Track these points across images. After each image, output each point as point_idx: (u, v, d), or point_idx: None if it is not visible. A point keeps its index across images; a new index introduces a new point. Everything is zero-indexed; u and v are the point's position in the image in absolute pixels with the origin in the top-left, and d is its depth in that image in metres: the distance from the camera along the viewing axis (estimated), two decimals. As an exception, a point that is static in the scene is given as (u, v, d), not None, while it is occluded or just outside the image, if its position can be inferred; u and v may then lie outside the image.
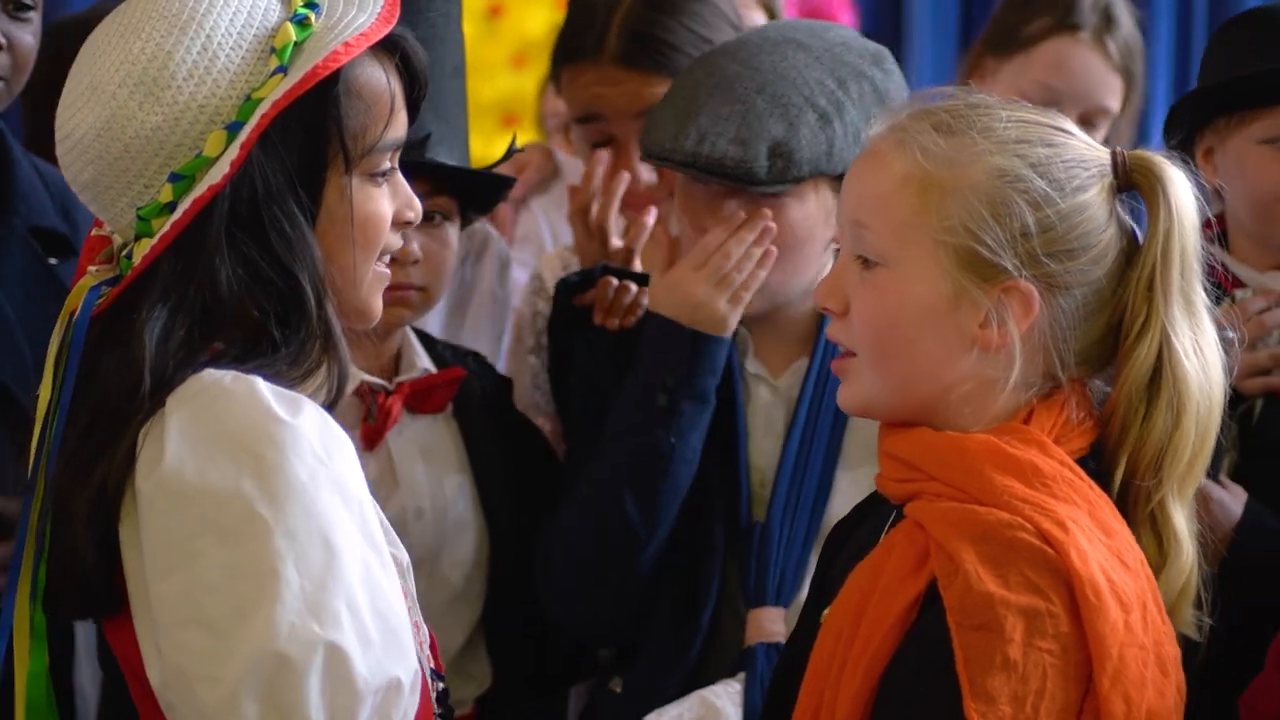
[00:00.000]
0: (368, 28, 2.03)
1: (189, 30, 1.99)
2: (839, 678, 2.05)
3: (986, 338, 2.09)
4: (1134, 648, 2.00)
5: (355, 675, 1.89)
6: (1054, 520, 2.01)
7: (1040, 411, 2.11)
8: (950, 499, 2.06)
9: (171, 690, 1.92)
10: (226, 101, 1.99)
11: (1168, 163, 2.15)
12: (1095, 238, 2.11)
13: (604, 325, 3.03)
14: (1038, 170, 2.10)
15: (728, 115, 2.81)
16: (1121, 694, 1.98)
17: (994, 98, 2.18)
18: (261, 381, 1.95)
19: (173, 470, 1.91)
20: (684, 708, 2.79)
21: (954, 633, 1.97)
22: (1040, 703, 1.96)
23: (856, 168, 2.19)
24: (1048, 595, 1.98)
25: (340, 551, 1.91)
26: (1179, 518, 2.13)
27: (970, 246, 2.08)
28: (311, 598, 1.88)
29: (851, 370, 2.17)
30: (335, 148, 2.03)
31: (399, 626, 1.95)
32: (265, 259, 1.99)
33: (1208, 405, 2.13)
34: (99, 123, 2.00)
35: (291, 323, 2.00)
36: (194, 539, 1.90)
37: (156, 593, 1.91)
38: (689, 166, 2.81)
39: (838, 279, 2.17)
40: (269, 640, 1.87)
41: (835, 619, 2.09)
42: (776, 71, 2.84)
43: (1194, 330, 2.14)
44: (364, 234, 2.06)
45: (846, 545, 2.24)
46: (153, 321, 1.96)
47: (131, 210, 2.02)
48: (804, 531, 2.88)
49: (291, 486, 1.90)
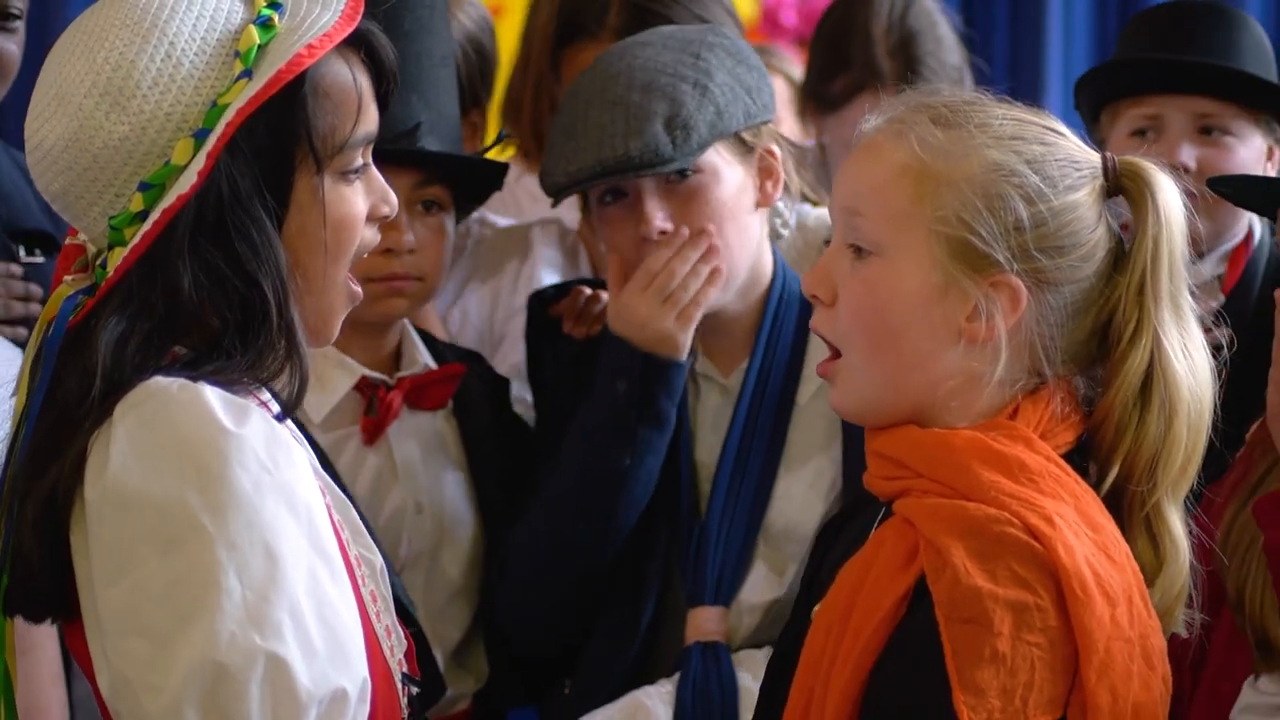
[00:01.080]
0: (331, 27, 2.01)
1: (151, 38, 1.99)
2: (829, 673, 2.06)
3: (974, 330, 2.11)
4: (1120, 641, 2.02)
5: (297, 686, 1.89)
6: (1041, 515, 2.03)
7: (1026, 407, 2.13)
8: (938, 495, 2.08)
9: (118, 698, 1.93)
10: (192, 108, 1.98)
11: (1157, 169, 2.18)
12: (1085, 236, 2.13)
13: (571, 334, 3.04)
14: (1032, 166, 2.12)
15: (610, 118, 2.82)
16: (1108, 687, 2.00)
17: (988, 95, 2.21)
18: (209, 390, 1.95)
19: (117, 479, 1.91)
20: (615, 709, 2.81)
21: (943, 627, 1.99)
22: (1029, 695, 1.98)
23: (853, 158, 2.21)
24: (1035, 589, 2.00)
25: (283, 561, 1.91)
26: (1174, 520, 2.15)
27: (964, 237, 2.10)
28: (253, 608, 1.89)
29: (840, 371, 2.18)
30: (304, 149, 2.02)
31: (346, 636, 1.95)
32: (229, 265, 1.98)
33: (1199, 408, 2.15)
34: (67, 133, 1.99)
35: (252, 329, 1.99)
36: (137, 548, 1.90)
37: (102, 600, 1.92)
38: (599, 177, 2.81)
39: (826, 268, 2.18)
40: (209, 650, 1.87)
41: (825, 615, 2.11)
42: (634, 68, 2.86)
43: (1182, 334, 2.16)
44: (335, 236, 2.06)
45: (836, 542, 2.26)
46: (110, 327, 1.96)
47: (104, 219, 2.01)
48: (744, 530, 2.88)
49: (234, 496, 1.90)
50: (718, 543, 2.87)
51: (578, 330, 3.04)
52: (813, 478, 2.92)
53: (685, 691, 2.80)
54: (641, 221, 2.84)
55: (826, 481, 2.92)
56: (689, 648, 2.84)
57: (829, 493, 2.91)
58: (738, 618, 2.88)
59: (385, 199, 2.11)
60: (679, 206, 2.85)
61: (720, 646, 2.84)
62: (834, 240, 2.20)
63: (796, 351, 2.96)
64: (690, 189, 2.85)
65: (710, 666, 2.82)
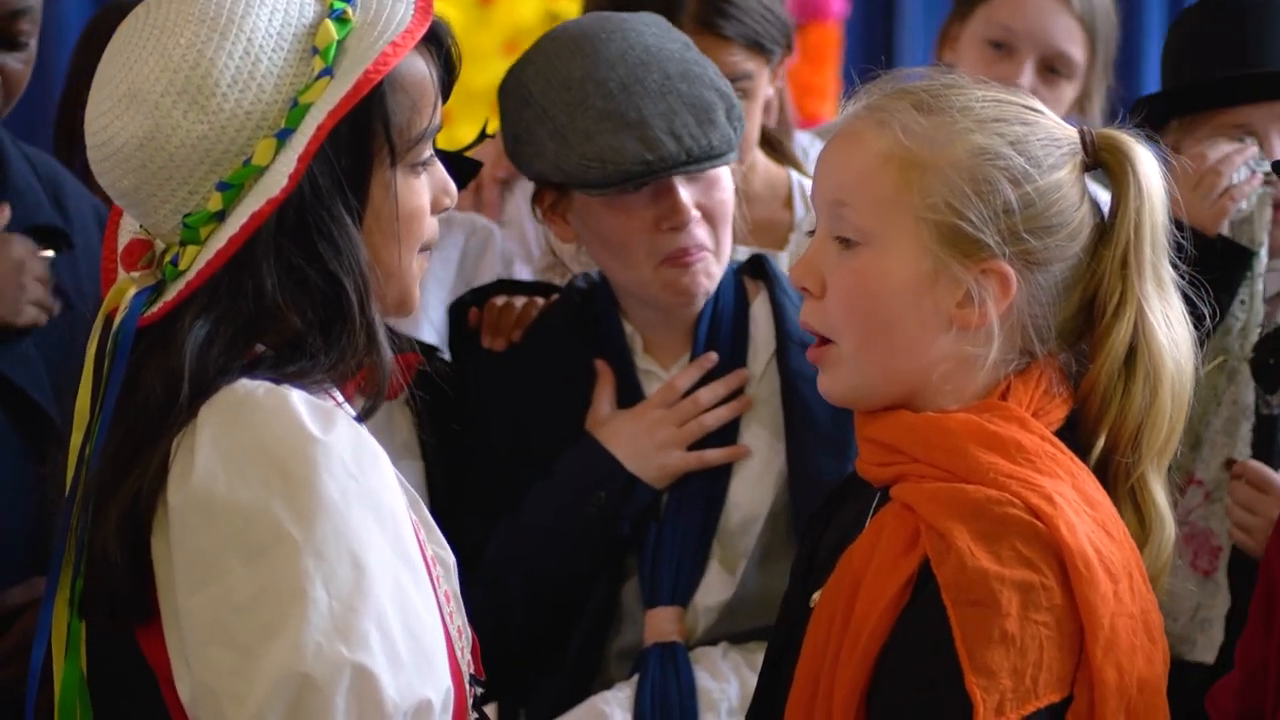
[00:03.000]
0: (410, 22, 2.00)
1: (229, 34, 1.95)
2: (834, 663, 2.07)
3: (965, 317, 2.12)
4: (1124, 617, 2.04)
5: (384, 697, 1.87)
6: (1041, 495, 2.04)
7: (1017, 387, 2.14)
8: (936, 479, 2.08)
9: (200, 707, 1.91)
10: (273, 107, 1.96)
11: (1135, 141, 2.18)
12: (1071, 214, 2.14)
13: (490, 348, 3.02)
14: (1016, 148, 2.13)
15: (669, 108, 2.78)
16: (1114, 663, 2.02)
17: (966, 78, 2.21)
18: (295, 394, 1.93)
19: (202, 485, 1.89)
20: (574, 716, 2.80)
21: (950, 610, 1.99)
22: (1039, 674, 2.00)
23: (835, 147, 2.20)
24: (1040, 568, 2.01)
25: (370, 571, 1.89)
26: (1158, 491, 2.17)
27: (953, 223, 2.10)
28: (340, 618, 1.87)
29: (830, 358, 2.17)
30: (382, 144, 2.01)
31: (431, 645, 1.93)
32: (311, 265, 1.96)
33: (1181, 379, 2.17)
34: (142, 132, 1.96)
35: (335, 327, 1.98)
36: (222, 556, 1.88)
37: (185, 608, 1.90)
38: (684, 165, 2.77)
39: (813, 261, 2.18)
40: (295, 661, 1.85)
41: (827, 604, 2.11)
42: (652, 55, 2.83)
43: (1164, 305, 2.17)
44: (408, 228, 2.05)
45: (829, 528, 2.25)
46: (195, 331, 1.94)
47: (176, 216, 1.99)
48: (698, 528, 2.87)
49: (321, 505, 1.88)
50: (674, 542, 2.86)
51: (496, 344, 3.01)
52: (761, 470, 2.91)
53: (644, 695, 2.79)
54: (675, 211, 2.80)
55: (774, 472, 2.90)
56: (646, 650, 2.83)
57: (776, 483, 2.90)
58: (694, 619, 2.87)
59: (446, 190, 2.11)
60: (701, 193, 2.83)
61: (678, 647, 2.83)
62: (819, 232, 2.19)
63: (738, 341, 2.95)
64: (710, 179, 2.84)
65: (668, 668, 2.81)
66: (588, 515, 2.84)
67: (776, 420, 2.92)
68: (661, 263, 2.83)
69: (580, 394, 2.93)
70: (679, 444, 2.86)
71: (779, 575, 2.81)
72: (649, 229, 2.82)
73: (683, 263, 2.83)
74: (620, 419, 2.88)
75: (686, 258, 2.83)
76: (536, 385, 2.96)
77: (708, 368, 2.90)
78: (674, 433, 2.86)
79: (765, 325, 2.96)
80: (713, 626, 2.87)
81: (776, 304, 2.95)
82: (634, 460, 2.86)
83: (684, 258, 2.83)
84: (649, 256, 2.83)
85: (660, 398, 2.88)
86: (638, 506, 2.86)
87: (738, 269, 3.00)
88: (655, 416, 2.87)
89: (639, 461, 2.86)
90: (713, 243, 2.84)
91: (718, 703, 2.81)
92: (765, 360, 2.94)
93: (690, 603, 2.86)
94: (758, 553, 2.87)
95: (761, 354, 2.95)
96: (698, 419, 2.88)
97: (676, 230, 2.81)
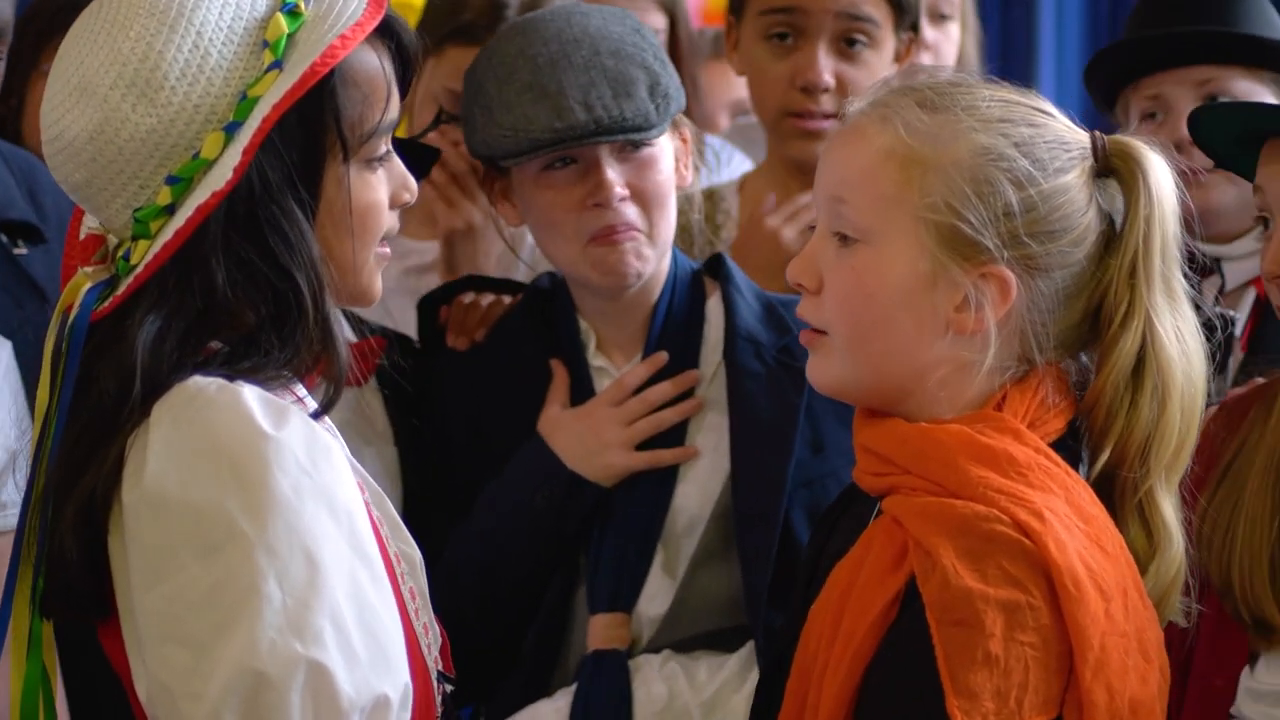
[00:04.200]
0: (361, 16, 1.99)
1: (179, 27, 1.96)
2: (821, 678, 2.04)
3: (962, 321, 2.08)
4: (1115, 636, 2.00)
5: (339, 693, 1.87)
6: (1030, 510, 2.00)
7: (1013, 396, 2.10)
8: (927, 492, 2.05)
9: (156, 705, 1.92)
10: (221, 100, 1.96)
11: (1147, 148, 2.14)
12: (1076, 220, 2.10)
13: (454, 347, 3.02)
14: (1021, 149, 2.09)
15: (589, 81, 2.79)
16: (1104, 684, 1.98)
17: (975, 77, 2.18)
18: (248, 391, 1.93)
19: (155, 483, 1.90)
20: None
21: (934, 629, 1.96)
22: (1024, 696, 1.96)
23: (838, 143, 2.17)
24: (1026, 587, 1.97)
25: (324, 567, 1.89)
26: (1167, 507, 2.12)
27: (952, 224, 2.07)
28: (293, 614, 1.87)
29: (822, 347, 2.15)
30: (334, 139, 2.00)
31: (389, 641, 1.93)
32: (262, 259, 1.96)
33: (1192, 392, 2.13)
34: (91, 125, 1.97)
35: (288, 322, 1.98)
36: (176, 553, 1.89)
37: (140, 605, 1.91)
38: (591, 136, 2.76)
39: (811, 257, 2.15)
40: (249, 658, 1.86)
41: (817, 619, 2.09)
42: (589, 33, 2.83)
43: (1175, 316, 2.13)
44: (362, 223, 2.04)
45: (834, 535, 2.23)
46: (147, 327, 1.94)
47: (127, 211, 1.99)
48: (640, 534, 2.85)
49: (274, 501, 1.89)
50: (615, 549, 2.84)
51: (460, 343, 3.01)
52: (709, 473, 2.88)
53: (579, 704, 2.78)
54: (600, 187, 2.80)
55: (720, 476, 2.87)
56: (585, 657, 2.82)
57: (721, 486, 2.87)
58: (639, 628, 2.85)
59: (406, 185, 2.10)
60: (633, 173, 2.82)
61: (618, 654, 2.81)
62: (819, 227, 2.17)
63: (691, 341, 2.92)
64: (643, 159, 2.82)
65: (605, 676, 2.79)
66: (533, 515, 2.82)
67: (721, 422, 2.89)
68: (589, 241, 2.82)
69: (537, 393, 2.92)
70: (626, 443, 2.84)
71: (718, 577, 2.82)
72: (577, 206, 2.82)
73: (609, 240, 2.81)
74: (567, 418, 2.86)
75: (614, 235, 2.81)
76: (495, 385, 2.96)
77: (658, 366, 2.88)
78: (621, 431, 2.84)
79: (718, 324, 2.93)
80: (655, 636, 2.85)
81: (728, 301, 2.93)
82: (578, 460, 2.84)
83: (610, 235, 2.81)
84: (577, 235, 2.83)
85: (608, 395, 2.87)
86: (583, 505, 2.84)
87: (697, 269, 2.98)
88: (602, 415, 2.85)
89: (583, 461, 2.83)
90: (645, 224, 2.82)
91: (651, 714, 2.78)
92: (717, 360, 2.92)
93: (634, 610, 2.84)
94: (698, 554, 2.85)
95: (713, 354, 2.93)
96: (647, 418, 2.85)
97: (602, 208, 2.80)
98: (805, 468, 2.81)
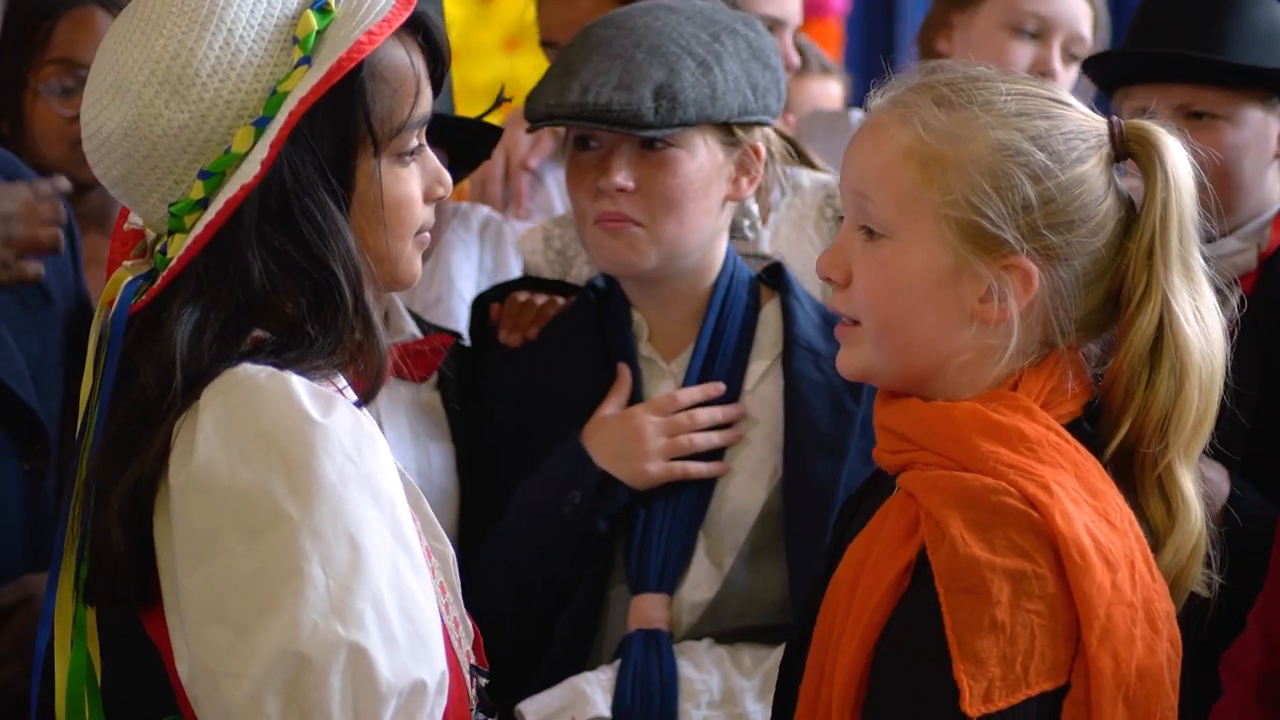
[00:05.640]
0: (389, 12, 2.02)
1: (210, 25, 1.99)
2: (836, 648, 2.08)
3: (986, 312, 2.12)
4: (1121, 605, 2.03)
5: (378, 677, 1.89)
6: (1039, 484, 2.03)
7: (1028, 377, 2.14)
8: (940, 468, 2.09)
9: (197, 685, 1.94)
10: (252, 96, 1.99)
11: (1164, 132, 2.17)
12: (1094, 208, 2.13)
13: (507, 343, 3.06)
14: (1037, 143, 2.12)
15: (608, 68, 2.85)
16: (1110, 652, 2.01)
17: (993, 70, 2.20)
18: (296, 379, 1.96)
19: (203, 466, 1.92)
20: (554, 695, 2.81)
21: (942, 597, 2.00)
22: (1030, 662, 1.99)
23: (858, 139, 2.21)
24: (1033, 557, 2.01)
25: (367, 552, 1.91)
26: (1186, 481, 2.15)
27: (973, 220, 2.10)
28: (336, 598, 1.89)
29: (853, 337, 2.19)
30: (363, 133, 2.03)
31: (426, 628, 1.95)
32: (298, 251, 1.99)
33: (1210, 370, 2.15)
34: (126, 122, 2.01)
35: (327, 313, 2.00)
36: (221, 535, 1.91)
37: (184, 586, 1.93)
38: (575, 119, 2.83)
39: (840, 250, 2.19)
40: (291, 640, 1.88)
41: (834, 591, 2.12)
42: (650, 29, 2.89)
43: (1194, 296, 2.15)
44: (395, 216, 2.07)
45: (856, 517, 2.27)
46: (184, 320, 1.97)
47: (163, 205, 2.03)
48: (687, 517, 2.89)
49: (319, 486, 1.91)
50: (662, 529, 2.87)
51: (512, 339, 3.05)
52: (755, 466, 2.92)
53: (625, 679, 2.80)
54: (604, 174, 2.87)
55: (769, 470, 2.92)
56: (630, 635, 2.85)
57: (771, 480, 2.91)
58: (678, 614, 2.88)
59: (439, 180, 2.12)
60: (646, 171, 2.87)
61: (662, 634, 2.84)
62: (846, 221, 2.20)
63: (744, 338, 2.97)
64: (661, 159, 2.87)
65: (651, 654, 2.82)
66: (563, 514, 2.86)
67: (775, 420, 2.93)
68: (594, 223, 2.90)
69: (587, 394, 2.96)
70: (665, 454, 2.88)
71: (767, 575, 2.85)
72: (589, 188, 2.89)
73: (607, 227, 2.89)
74: (609, 420, 2.91)
75: (610, 223, 2.88)
76: (545, 383, 3.00)
77: (713, 395, 2.92)
78: (663, 443, 2.89)
79: (774, 328, 2.98)
80: (697, 623, 2.88)
81: (788, 309, 2.97)
82: (613, 462, 2.88)
83: (607, 222, 2.88)
84: (585, 215, 2.91)
85: (656, 405, 2.91)
86: (615, 505, 2.88)
87: (755, 276, 3.02)
88: (646, 421, 2.89)
89: (619, 464, 2.88)
90: (646, 219, 2.87)
91: (699, 693, 2.81)
92: (768, 361, 2.96)
93: (676, 595, 2.87)
94: (746, 549, 2.88)
95: (766, 354, 2.97)
96: (689, 435, 2.90)
97: (602, 193, 2.87)
98: (857, 477, 2.81)
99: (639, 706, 2.80)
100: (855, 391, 2.89)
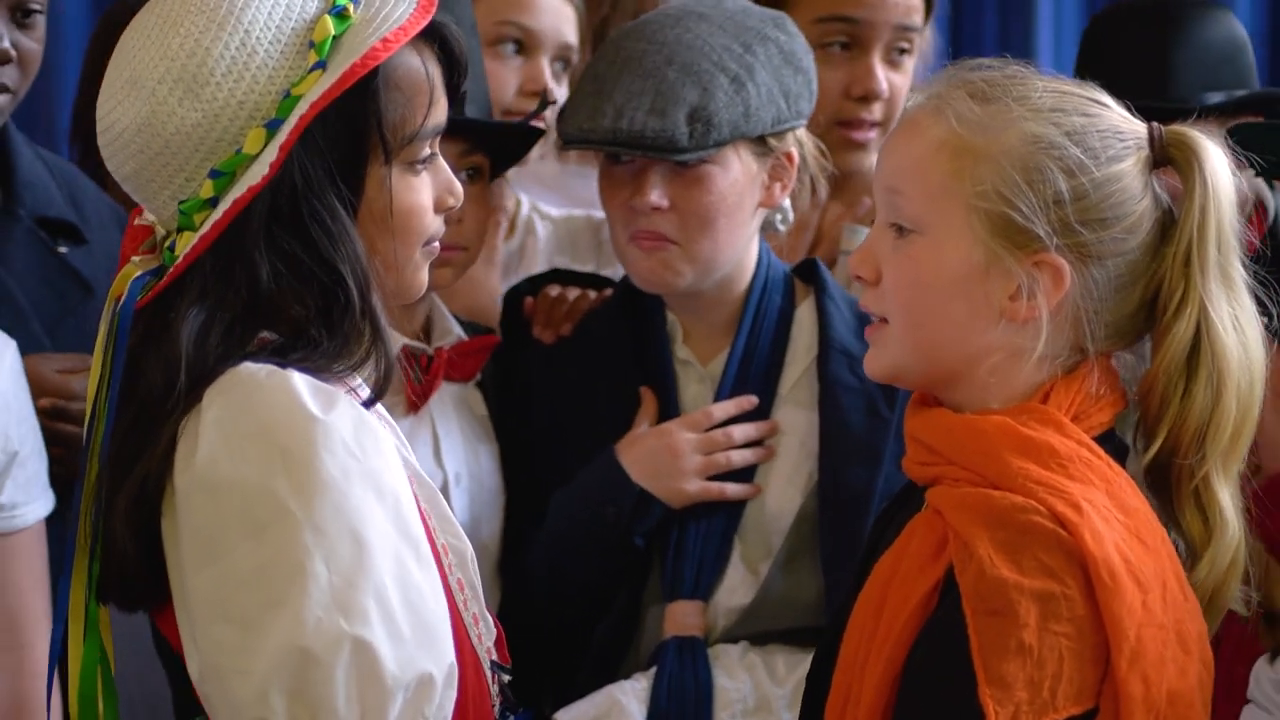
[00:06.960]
0: (406, 20, 2.03)
1: (227, 26, 2.00)
2: (864, 666, 2.06)
3: (1015, 309, 2.09)
4: (1152, 627, 2.00)
5: (383, 671, 1.90)
6: (1068, 502, 2.01)
7: (1060, 389, 2.11)
8: (968, 483, 2.06)
9: (207, 683, 1.95)
10: (265, 98, 2.00)
11: (1204, 139, 2.14)
12: (1129, 208, 2.10)
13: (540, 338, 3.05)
14: (1072, 138, 2.10)
15: (640, 89, 2.82)
16: (1140, 675, 1.98)
17: (1031, 69, 2.18)
18: (298, 376, 1.96)
19: (206, 464, 1.93)
20: (590, 704, 2.81)
21: (969, 619, 1.97)
22: (1057, 686, 1.97)
23: (893, 136, 2.20)
24: (1062, 578, 1.98)
25: (370, 547, 1.92)
26: (1224, 494, 2.12)
27: (1003, 213, 2.08)
28: (339, 593, 1.90)
29: (882, 337, 2.17)
30: (374, 139, 2.04)
31: (433, 621, 1.96)
32: (306, 254, 2.00)
33: (1249, 380, 2.12)
34: (139, 118, 2.02)
35: (335, 316, 2.01)
36: (226, 533, 1.92)
37: (191, 586, 1.95)
38: (609, 144, 2.82)
39: (871, 248, 2.17)
40: (296, 635, 1.89)
41: (861, 609, 2.11)
42: (682, 43, 2.86)
43: (1233, 305, 2.13)
44: (404, 224, 2.07)
45: (888, 530, 2.23)
46: (190, 320, 1.98)
47: (173, 203, 2.04)
48: (723, 524, 2.88)
49: (321, 482, 1.92)
50: (697, 536, 2.87)
51: (546, 335, 3.04)
52: (790, 471, 2.91)
53: (660, 687, 2.80)
54: (639, 192, 2.86)
55: (804, 475, 2.90)
56: (665, 642, 2.84)
57: (806, 486, 2.90)
58: (714, 618, 2.87)
59: (451, 190, 2.13)
60: (680, 189, 2.85)
61: (697, 641, 2.84)
62: (877, 220, 2.19)
63: (779, 340, 2.95)
64: (696, 175, 2.85)
65: (686, 662, 2.81)
66: (600, 527, 2.85)
67: (809, 425, 2.92)
68: (629, 239, 2.89)
69: (620, 391, 2.95)
70: (700, 472, 2.87)
71: (802, 580, 2.82)
72: (622, 204, 2.88)
73: (642, 246, 2.87)
74: (645, 436, 2.89)
75: (644, 241, 2.87)
76: (579, 379, 2.99)
77: (747, 408, 2.91)
78: (699, 461, 2.87)
79: (809, 329, 2.96)
80: (733, 627, 2.87)
81: (822, 310, 2.96)
82: (651, 480, 2.86)
83: (642, 240, 2.87)
84: (620, 231, 2.90)
85: (691, 421, 2.89)
86: (651, 520, 2.87)
87: (790, 271, 3.00)
88: (681, 439, 2.87)
89: (656, 482, 2.87)
90: (681, 238, 2.86)
91: (733, 701, 2.81)
92: (804, 364, 2.94)
93: (712, 601, 2.86)
94: (782, 555, 2.87)
95: (801, 357, 2.95)
96: (724, 453, 2.88)
97: (636, 211, 2.86)
98: (893, 482, 2.80)
99: (674, 715, 2.79)
100: (890, 397, 2.87)
